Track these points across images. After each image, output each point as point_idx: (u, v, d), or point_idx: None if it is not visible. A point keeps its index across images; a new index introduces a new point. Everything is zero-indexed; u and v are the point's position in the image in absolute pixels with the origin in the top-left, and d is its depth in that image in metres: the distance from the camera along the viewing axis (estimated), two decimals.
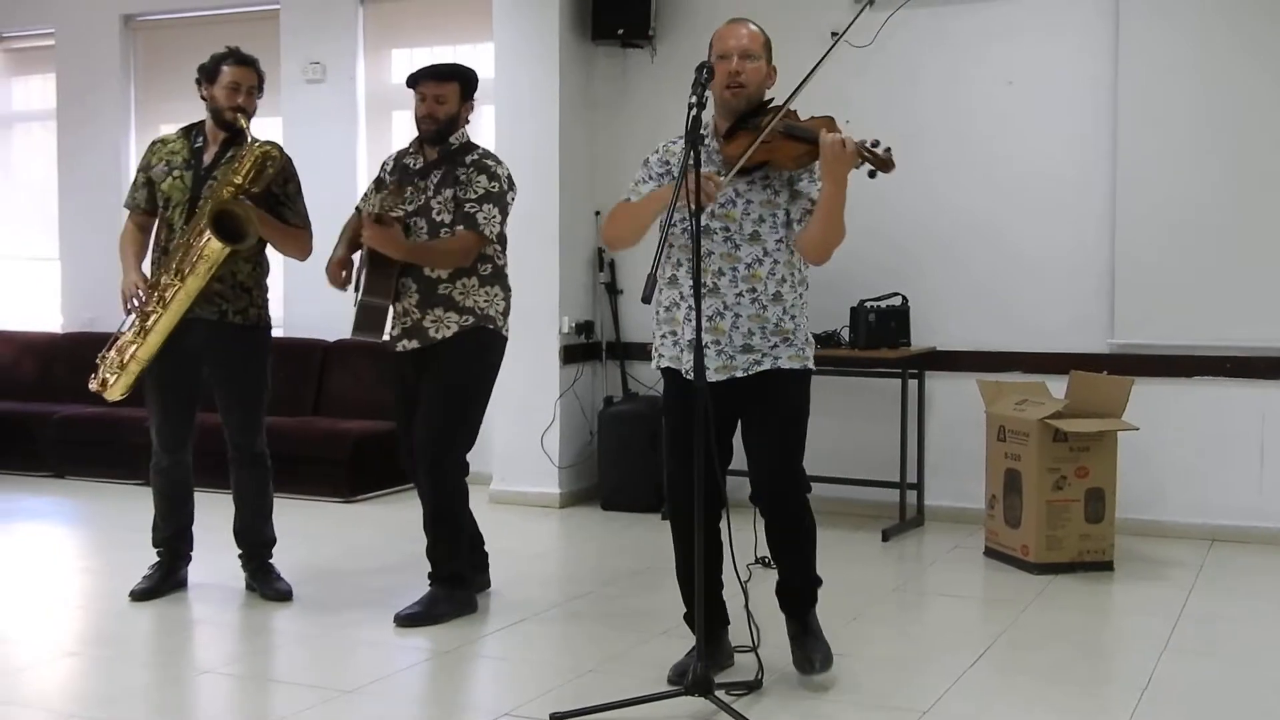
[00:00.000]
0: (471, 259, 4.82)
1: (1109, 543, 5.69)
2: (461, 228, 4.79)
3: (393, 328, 4.94)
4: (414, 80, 4.93)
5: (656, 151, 4.09)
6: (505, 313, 4.96)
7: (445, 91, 4.88)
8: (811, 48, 6.83)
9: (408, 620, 4.81)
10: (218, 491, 5.44)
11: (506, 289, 4.97)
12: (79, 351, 8.55)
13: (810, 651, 4.07)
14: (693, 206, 3.66)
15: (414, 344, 4.87)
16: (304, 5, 8.26)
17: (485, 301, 4.87)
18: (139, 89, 8.98)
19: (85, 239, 8.95)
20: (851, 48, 6.78)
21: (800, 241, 3.92)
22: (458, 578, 4.98)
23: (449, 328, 4.82)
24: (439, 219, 4.82)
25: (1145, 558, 5.91)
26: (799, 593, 4.13)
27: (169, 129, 5.25)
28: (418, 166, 4.94)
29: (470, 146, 4.95)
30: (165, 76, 8.82)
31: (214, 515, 5.44)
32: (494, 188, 4.83)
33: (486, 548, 5.29)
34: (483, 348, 4.90)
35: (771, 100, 4.05)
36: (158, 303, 4.93)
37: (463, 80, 4.95)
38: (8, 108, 9.60)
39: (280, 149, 5.03)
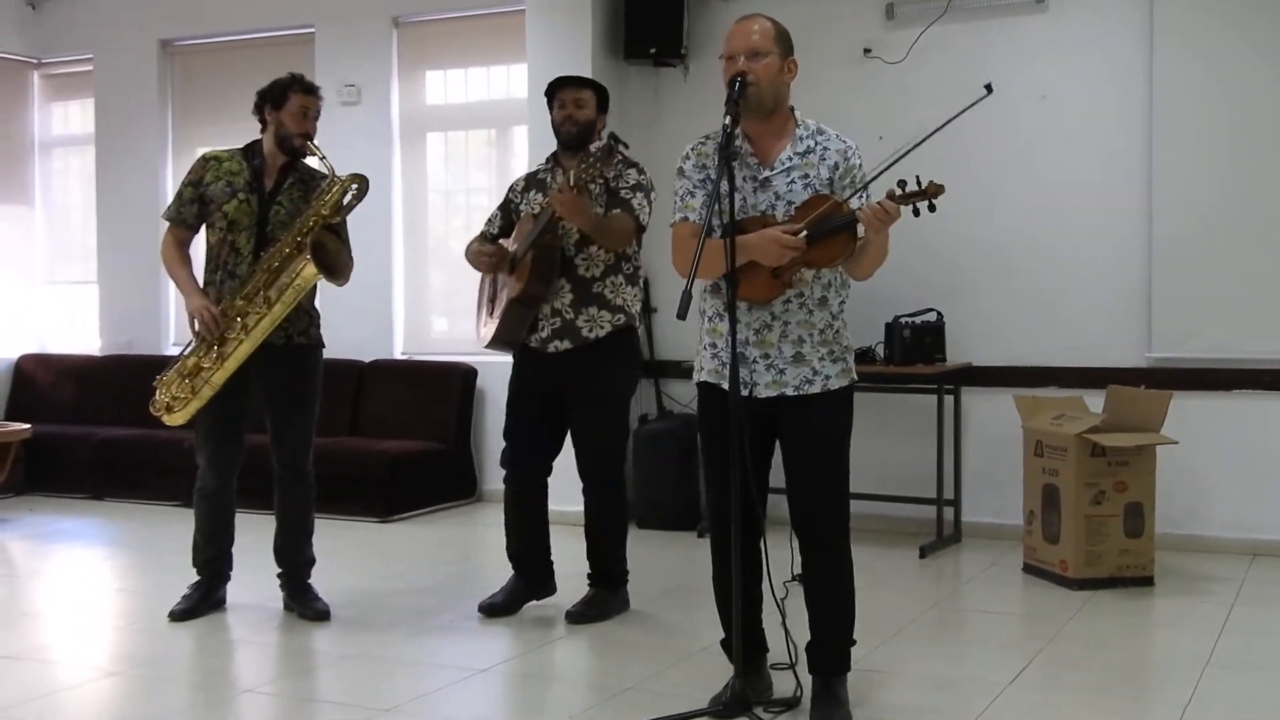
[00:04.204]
0: (630, 242, 5.00)
1: (1149, 558, 5.65)
2: (618, 211, 4.95)
3: (539, 330, 5.04)
4: (551, 90, 5.15)
5: (689, 158, 3.94)
6: (641, 313, 5.19)
7: (583, 96, 5.10)
8: (843, 66, 6.91)
9: (577, 618, 5.07)
10: (255, 512, 5.48)
11: (640, 288, 5.16)
12: (117, 374, 8.69)
13: (828, 713, 3.85)
14: (725, 218, 3.68)
15: (566, 344, 5.00)
16: (339, 28, 8.33)
17: (631, 301, 5.07)
18: (176, 113, 9.06)
19: (123, 262, 9.04)
20: (885, 64, 6.85)
21: (849, 268, 3.88)
22: (620, 577, 5.25)
23: (603, 327, 4.98)
24: (588, 188, 4.95)
25: (1185, 573, 5.86)
26: (829, 654, 3.92)
27: (205, 151, 5.24)
28: (558, 179, 5.01)
29: (612, 150, 5.07)
30: (202, 100, 8.92)
31: (252, 535, 5.46)
32: (643, 180, 5.05)
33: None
34: (632, 350, 5.14)
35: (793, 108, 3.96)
36: (240, 330, 4.93)
37: (598, 91, 5.15)
38: (47, 133, 9.69)
39: (367, 183, 5.08)
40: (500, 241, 5.19)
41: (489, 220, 5.29)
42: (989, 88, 3.90)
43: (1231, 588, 5.60)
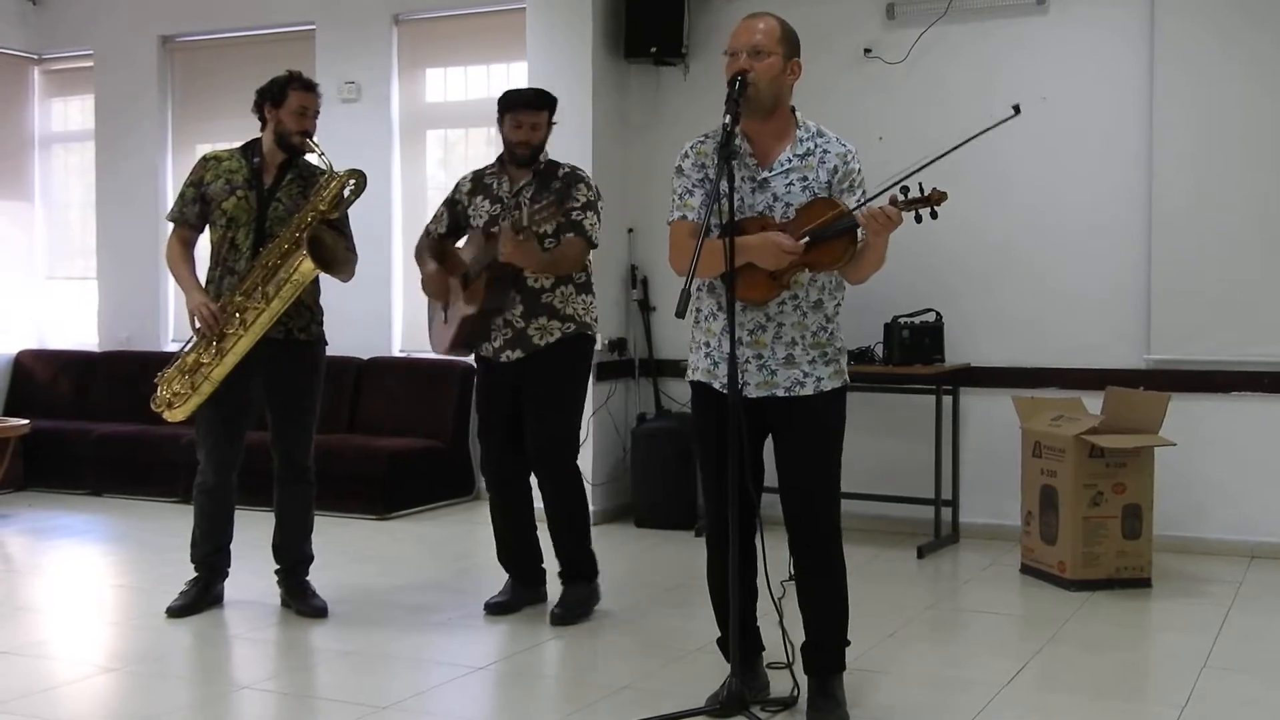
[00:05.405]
0: (582, 263, 5.06)
1: (1146, 559, 5.65)
2: (571, 235, 4.98)
3: (492, 340, 5.08)
4: (508, 106, 5.08)
5: (687, 156, 3.92)
6: (596, 319, 5.19)
7: (539, 120, 5.07)
8: (844, 66, 6.91)
9: (560, 620, 5.05)
10: (254, 508, 5.47)
11: (593, 295, 5.19)
12: (116, 370, 8.70)
13: (825, 714, 3.86)
14: (724, 218, 3.68)
15: (518, 353, 5.04)
16: (339, 25, 8.32)
17: (582, 309, 5.09)
18: (176, 109, 9.06)
19: (123, 259, 9.04)
20: (884, 64, 6.85)
21: (845, 272, 3.88)
22: (590, 571, 5.22)
23: (552, 334, 5.02)
24: (539, 231, 4.96)
25: (1183, 575, 5.86)
26: (824, 654, 3.92)
27: (205, 148, 5.27)
28: (505, 189, 5.09)
29: (556, 164, 5.13)
30: (202, 97, 8.91)
31: (251, 532, 5.47)
32: (591, 196, 5.07)
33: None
34: (582, 354, 5.16)
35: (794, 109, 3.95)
36: (239, 325, 4.94)
37: (551, 108, 5.14)
38: (47, 128, 9.69)
39: (365, 179, 5.09)
40: (446, 241, 5.23)
41: (436, 218, 5.28)
42: (1017, 109, 3.90)
43: (1229, 590, 5.60)
